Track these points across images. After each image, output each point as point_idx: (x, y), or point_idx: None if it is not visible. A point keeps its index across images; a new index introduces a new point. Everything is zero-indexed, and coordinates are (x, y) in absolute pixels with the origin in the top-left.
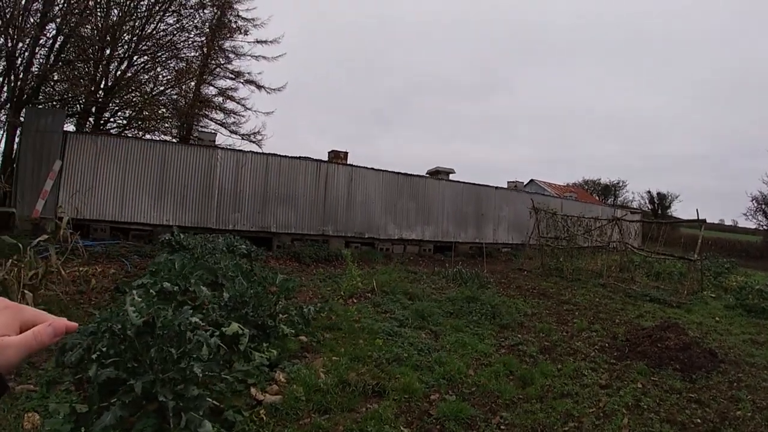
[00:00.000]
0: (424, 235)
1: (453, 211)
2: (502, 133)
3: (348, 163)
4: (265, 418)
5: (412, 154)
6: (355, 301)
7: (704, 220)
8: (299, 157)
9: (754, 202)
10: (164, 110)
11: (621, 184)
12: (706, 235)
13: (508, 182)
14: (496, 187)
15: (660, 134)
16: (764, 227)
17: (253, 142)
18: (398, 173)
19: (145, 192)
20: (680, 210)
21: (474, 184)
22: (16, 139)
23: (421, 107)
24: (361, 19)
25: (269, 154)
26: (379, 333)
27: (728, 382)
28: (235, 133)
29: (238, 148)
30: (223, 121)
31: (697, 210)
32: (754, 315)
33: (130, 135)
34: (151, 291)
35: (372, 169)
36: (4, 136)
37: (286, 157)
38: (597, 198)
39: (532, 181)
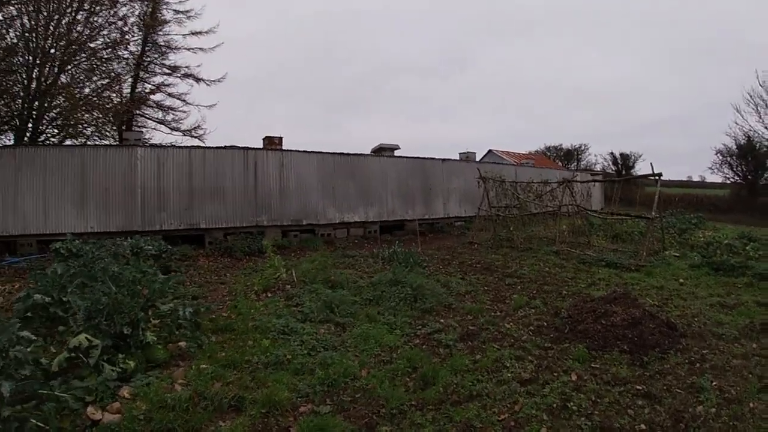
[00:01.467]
0: (368, 216)
1: (398, 189)
2: (471, 109)
3: (279, 148)
4: None
5: (383, 137)
6: (269, 295)
7: (660, 174)
8: (224, 147)
9: (718, 155)
10: (97, 113)
11: (583, 147)
12: (673, 192)
13: (460, 153)
14: (443, 159)
15: (630, 101)
16: (731, 180)
17: (195, 137)
18: (334, 153)
19: (67, 200)
20: (646, 170)
21: (418, 158)
22: None
23: (392, 90)
24: (329, 8)
25: (191, 147)
26: (270, 331)
27: (689, 363)
28: (177, 129)
29: (158, 144)
30: (163, 118)
31: (651, 164)
32: (722, 273)
33: (49, 143)
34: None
35: (305, 151)
36: None
37: (210, 148)
38: (560, 164)
39: (490, 151)
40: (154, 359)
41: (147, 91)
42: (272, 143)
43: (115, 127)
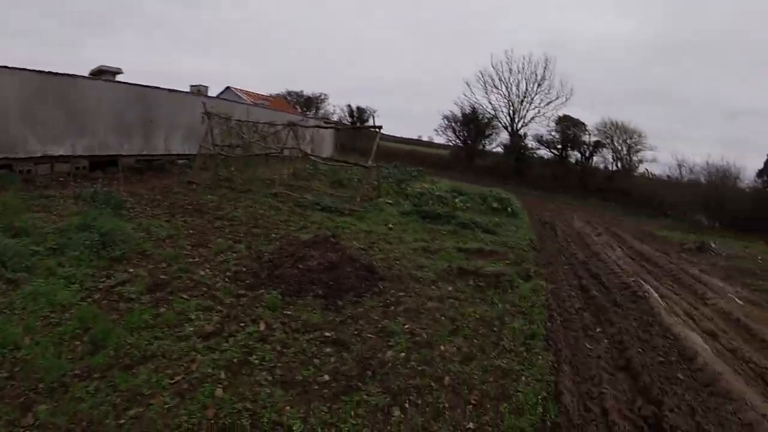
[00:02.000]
0: (76, 149)
1: (114, 119)
2: (229, 44)
3: None
4: None
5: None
6: None
7: (380, 127)
8: None
9: (444, 119)
10: None
11: (323, 96)
12: (402, 148)
13: (191, 86)
14: (169, 90)
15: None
16: (452, 142)
17: None
18: (40, 72)
19: None
20: (384, 126)
21: (141, 85)
22: None
23: (149, 12)
24: None
25: None
26: None
27: (383, 306)
28: None
29: None
30: None
31: (373, 117)
32: (429, 221)
33: None
34: None
35: (5, 67)
36: None
37: None
38: (299, 109)
39: (228, 88)
40: None
41: None
42: None
43: None
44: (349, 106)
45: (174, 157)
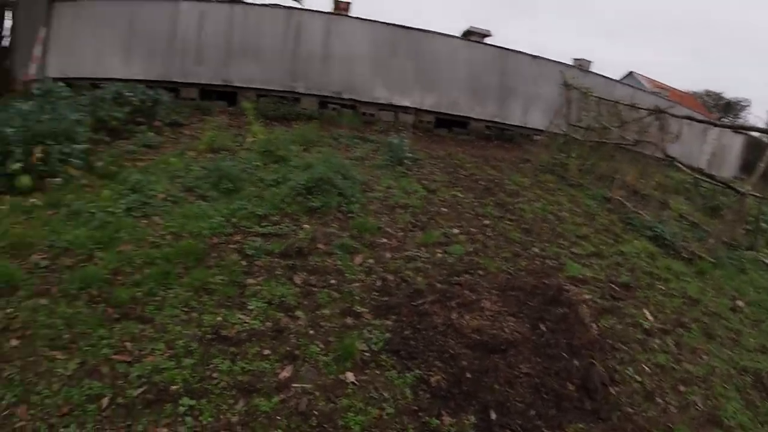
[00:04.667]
0: (423, 103)
1: (467, 80)
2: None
3: (342, 13)
4: None
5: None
6: (200, 156)
7: None
8: (266, 5)
9: None
10: None
11: (745, 102)
12: None
13: (574, 59)
14: (533, 56)
15: None
16: None
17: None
18: (393, 25)
19: (117, 49)
20: None
21: (501, 48)
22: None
23: None
24: None
25: (234, 2)
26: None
27: None
28: None
29: None
30: None
31: None
32: None
33: None
34: None
35: (358, 18)
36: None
37: (252, 5)
38: (715, 114)
39: (630, 73)
40: (18, 187)
41: None
42: (339, 7)
43: None
44: None
45: (530, 130)
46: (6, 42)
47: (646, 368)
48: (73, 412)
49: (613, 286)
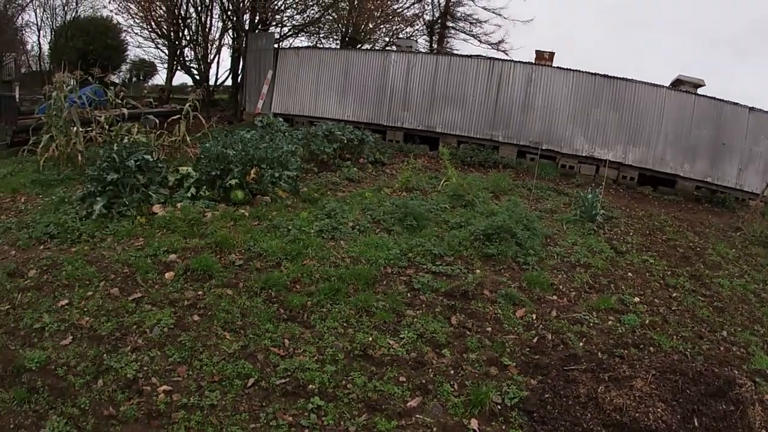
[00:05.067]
0: (626, 157)
1: (676, 134)
2: None
3: (546, 64)
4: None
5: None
6: (394, 194)
7: None
8: (469, 56)
9: None
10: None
11: None
12: None
13: None
14: (751, 108)
15: None
16: None
17: (501, 50)
18: (594, 74)
19: (333, 92)
20: None
21: (715, 99)
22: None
23: None
24: None
25: (438, 54)
26: (320, 216)
27: None
28: (487, 42)
29: (409, 51)
30: (469, 30)
31: None
32: None
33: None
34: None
35: (558, 68)
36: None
37: (455, 56)
38: None
39: None
40: (232, 199)
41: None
42: (542, 58)
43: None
44: None
45: (746, 194)
46: (239, 81)
47: None
48: (221, 382)
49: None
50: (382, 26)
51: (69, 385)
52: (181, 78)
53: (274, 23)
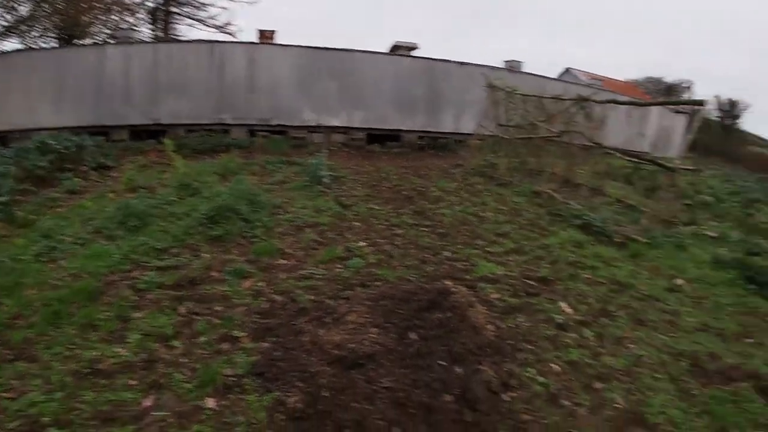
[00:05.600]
0: (353, 121)
1: (395, 94)
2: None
3: (268, 42)
4: None
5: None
6: (115, 197)
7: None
8: (189, 41)
9: None
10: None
11: (686, 84)
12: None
13: (505, 61)
14: (461, 63)
15: None
16: None
17: (227, 33)
18: (314, 48)
19: (47, 98)
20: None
21: (427, 58)
22: None
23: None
24: None
25: (158, 42)
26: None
27: None
28: (215, 26)
29: (127, 42)
30: (193, 14)
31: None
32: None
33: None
34: None
35: (279, 45)
36: None
37: (175, 42)
38: (655, 98)
39: (567, 70)
40: None
41: None
42: (264, 36)
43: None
44: (717, 97)
45: (465, 136)
46: None
47: (554, 367)
48: None
49: (528, 281)
50: (102, 17)
51: None
52: None
53: None
